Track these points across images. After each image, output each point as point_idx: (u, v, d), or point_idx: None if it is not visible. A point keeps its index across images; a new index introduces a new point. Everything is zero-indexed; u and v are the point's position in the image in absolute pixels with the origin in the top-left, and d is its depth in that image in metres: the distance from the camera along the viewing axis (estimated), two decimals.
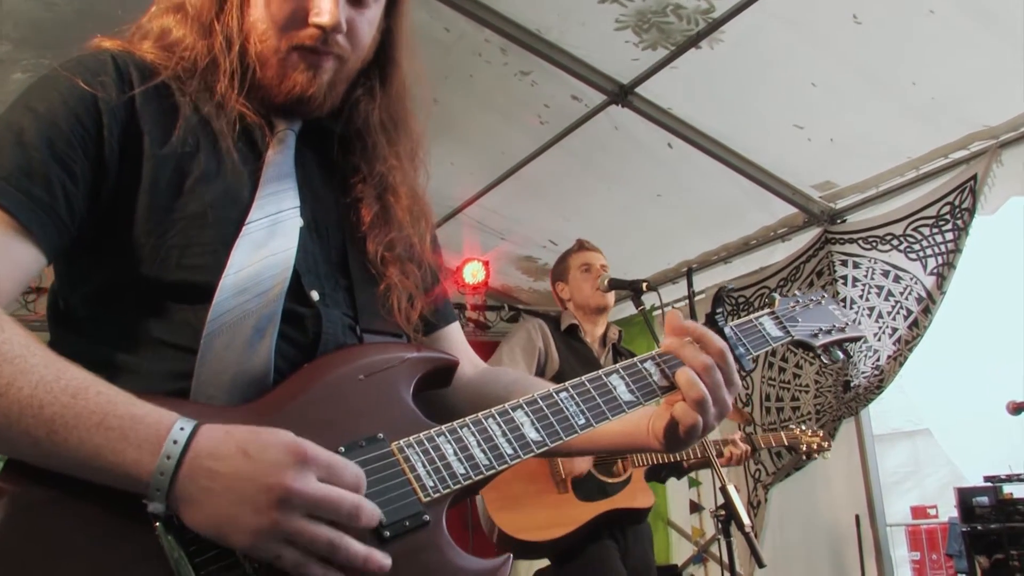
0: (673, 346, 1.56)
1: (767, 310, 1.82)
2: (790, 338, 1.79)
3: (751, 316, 1.77)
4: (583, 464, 4.12)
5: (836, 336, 1.85)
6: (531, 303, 8.19)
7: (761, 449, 4.64)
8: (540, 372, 4.20)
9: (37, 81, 1.43)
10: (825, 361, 1.82)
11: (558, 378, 3.94)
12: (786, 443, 4.57)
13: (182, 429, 1.17)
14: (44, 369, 1.18)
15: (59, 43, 4.60)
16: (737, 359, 1.59)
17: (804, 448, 4.53)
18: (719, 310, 1.65)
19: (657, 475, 4.60)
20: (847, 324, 1.88)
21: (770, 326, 1.79)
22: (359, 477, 1.22)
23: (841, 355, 1.85)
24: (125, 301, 1.39)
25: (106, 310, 1.40)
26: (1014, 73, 4.21)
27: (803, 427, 4.62)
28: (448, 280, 7.99)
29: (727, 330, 1.65)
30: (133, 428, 1.16)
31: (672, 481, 5.02)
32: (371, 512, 1.21)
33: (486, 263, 7.65)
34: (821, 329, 1.84)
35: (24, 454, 1.18)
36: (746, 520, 3.03)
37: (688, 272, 2.63)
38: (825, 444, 4.55)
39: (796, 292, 1.90)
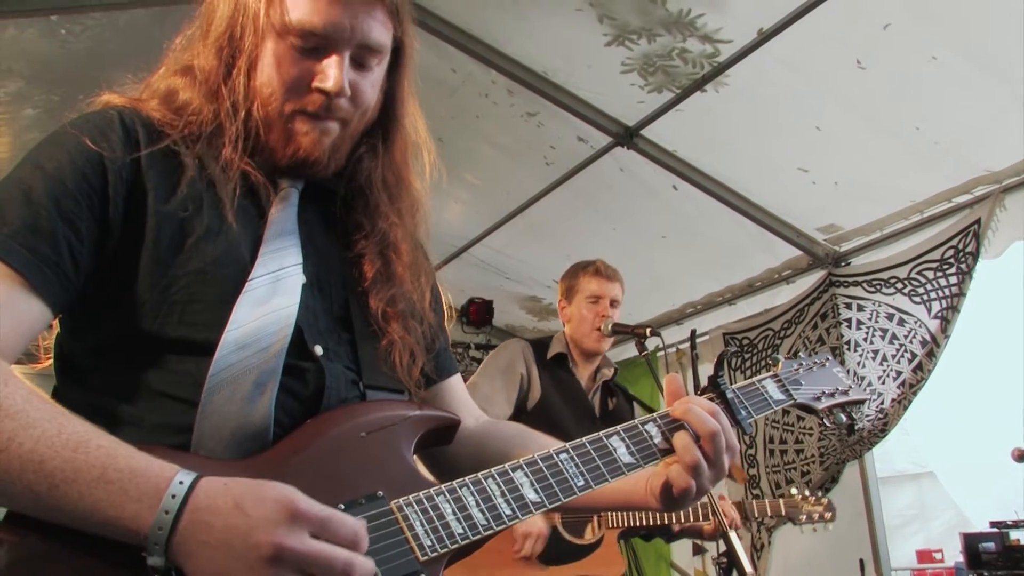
0: (679, 411, 1.57)
1: (770, 373, 1.83)
2: (792, 401, 1.80)
3: (754, 379, 1.78)
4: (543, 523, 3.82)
5: (839, 399, 1.85)
6: None
7: (754, 520, 4.32)
8: (523, 399, 3.99)
9: (46, 139, 1.46)
10: (827, 424, 1.82)
11: (540, 409, 3.94)
12: (783, 512, 4.19)
13: (181, 483, 1.18)
14: (46, 423, 1.19)
15: (70, 80, 4.66)
16: (739, 423, 1.60)
17: (803, 518, 4.16)
18: (721, 373, 1.66)
19: (646, 536, 4.44)
20: (850, 387, 1.89)
21: (773, 389, 1.80)
22: (357, 532, 1.22)
23: (844, 418, 1.85)
24: (128, 354, 1.41)
25: (109, 362, 1.42)
26: (1017, 119, 4.23)
27: (806, 493, 4.24)
28: (452, 321, 8.01)
29: (729, 393, 1.66)
30: (133, 481, 1.17)
31: None
32: (365, 567, 1.21)
33: (491, 303, 7.65)
34: (824, 392, 1.85)
35: (26, 508, 1.19)
36: (748, 568, 2.97)
37: (692, 335, 2.62)
38: (828, 516, 4.15)
39: (800, 354, 1.91)
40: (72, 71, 4.63)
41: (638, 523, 3.97)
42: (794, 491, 4.27)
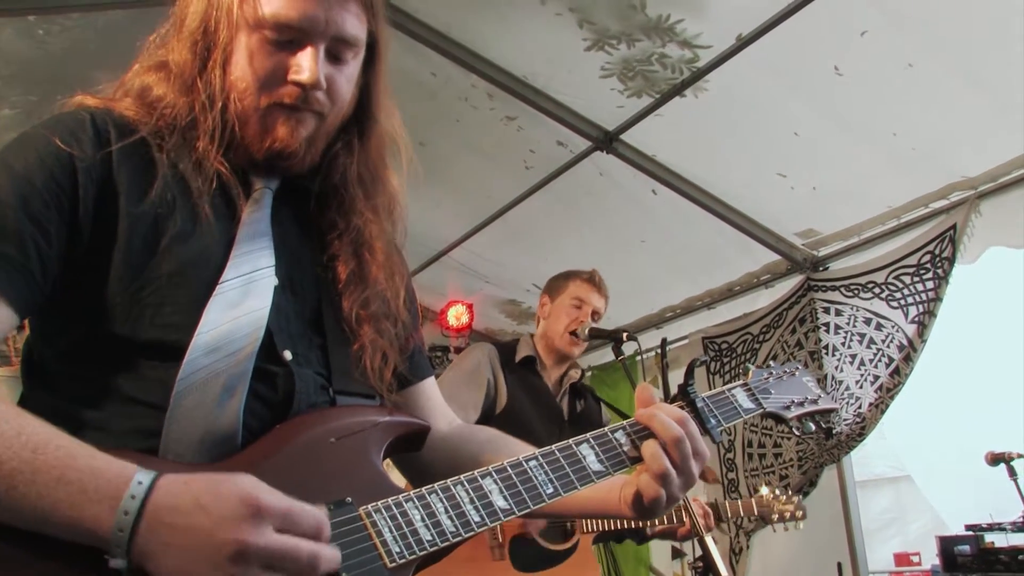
0: (643, 417, 1.57)
1: (740, 381, 1.83)
2: (762, 410, 1.80)
3: (724, 388, 1.78)
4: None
5: (809, 408, 1.86)
6: None
7: (728, 520, 4.34)
8: (490, 404, 3.94)
9: (15, 139, 1.44)
10: (797, 433, 1.83)
11: (507, 414, 3.91)
12: (755, 512, 4.21)
13: (140, 483, 1.17)
14: (4, 424, 1.18)
15: (48, 80, 4.64)
16: (708, 431, 1.61)
17: (775, 517, 4.18)
18: (691, 382, 1.66)
19: (616, 538, 4.41)
20: (820, 396, 1.90)
21: (742, 398, 1.80)
22: (319, 522, 1.22)
23: (812, 427, 1.86)
24: (98, 358, 1.39)
25: (78, 366, 1.41)
26: (991, 125, 4.29)
27: (777, 492, 4.24)
28: (433, 323, 7.95)
29: (699, 402, 1.66)
30: (93, 482, 1.16)
31: None
32: (330, 557, 1.21)
33: (470, 306, 7.64)
34: (794, 401, 1.85)
35: None
36: (725, 573, 2.98)
37: (663, 343, 2.62)
38: (799, 514, 4.18)
39: (771, 363, 1.92)
40: (50, 71, 4.61)
41: (613, 527, 3.95)
42: (764, 490, 4.28)
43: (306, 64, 1.51)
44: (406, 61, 4.81)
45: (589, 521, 3.91)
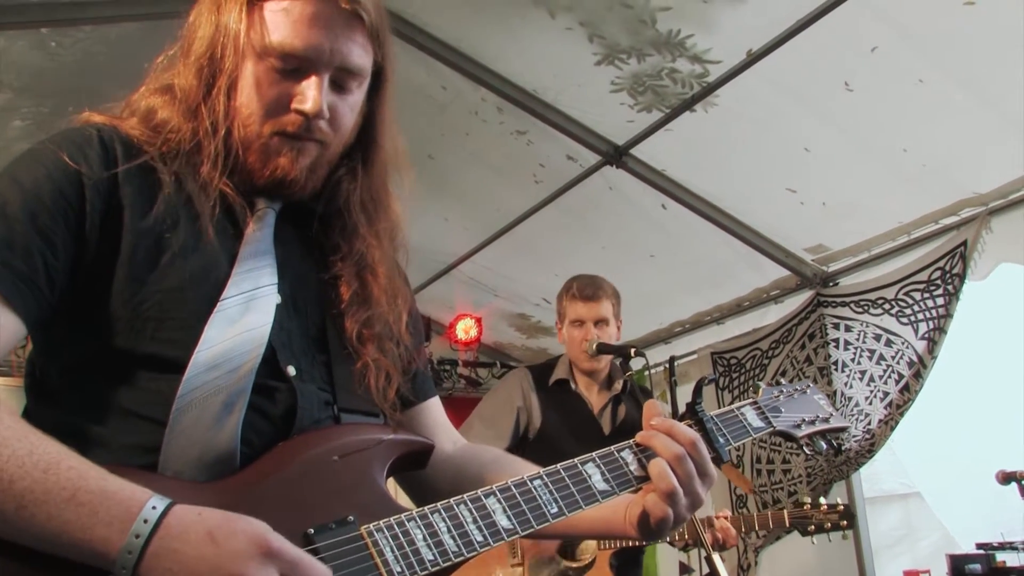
0: (645, 436, 1.56)
1: (750, 400, 1.82)
2: (772, 429, 1.79)
3: (733, 406, 1.77)
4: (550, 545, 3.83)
5: (820, 427, 1.85)
6: (523, 360, 8.15)
7: (755, 531, 4.19)
8: (523, 432, 3.98)
9: (23, 155, 1.45)
10: (807, 452, 1.81)
11: (540, 437, 3.94)
12: (787, 524, 4.01)
13: (154, 508, 1.17)
14: (16, 443, 1.18)
15: (59, 92, 4.65)
16: (716, 450, 1.59)
17: (812, 528, 3.97)
18: (699, 400, 1.65)
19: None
20: (831, 415, 1.89)
21: (752, 416, 1.79)
22: None
23: (824, 446, 1.85)
24: (99, 372, 1.40)
25: (80, 380, 1.41)
26: (1002, 142, 4.27)
27: (822, 501, 4.04)
28: (442, 336, 7.94)
29: (707, 421, 1.65)
30: (104, 504, 1.16)
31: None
32: None
33: (479, 319, 7.63)
34: (804, 420, 1.84)
35: None
36: None
37: (671, 361, 2.61)
38: (843, 523, 3.96)
39: (782, 381, 1.90)
40: (62, 83, 4.62)
41: (629, 543, 3.92)
42: (806, 499, 4.12)
43: (310, 93, 1.51)
44: (416, 74, 4.82)
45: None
